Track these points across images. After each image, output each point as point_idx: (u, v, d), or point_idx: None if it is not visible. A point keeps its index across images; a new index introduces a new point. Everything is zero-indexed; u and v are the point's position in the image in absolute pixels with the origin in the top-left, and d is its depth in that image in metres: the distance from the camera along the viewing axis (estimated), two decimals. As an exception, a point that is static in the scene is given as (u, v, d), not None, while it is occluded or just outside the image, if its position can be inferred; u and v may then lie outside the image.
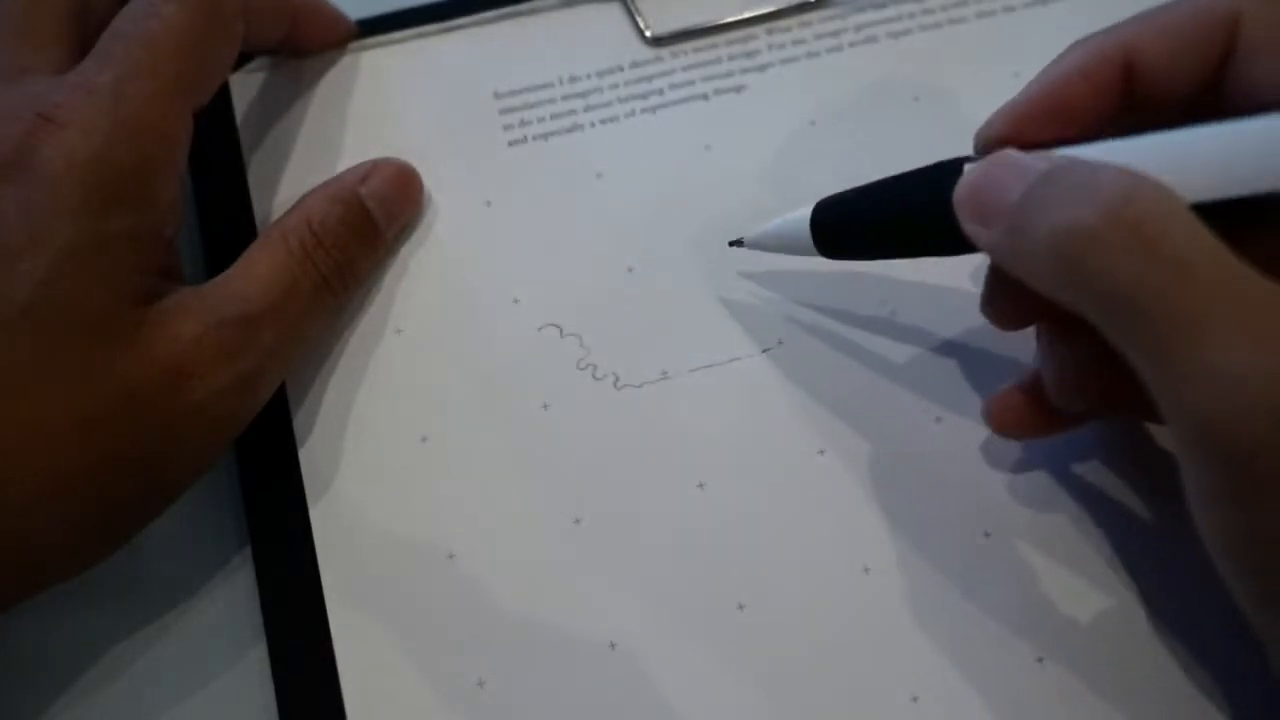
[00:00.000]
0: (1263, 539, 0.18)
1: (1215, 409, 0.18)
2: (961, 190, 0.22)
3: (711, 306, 0.29)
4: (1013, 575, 0.25)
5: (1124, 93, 0.22)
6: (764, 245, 0.27)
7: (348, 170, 0.29)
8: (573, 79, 0.32)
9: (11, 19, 0.26)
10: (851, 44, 0.33)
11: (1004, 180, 0.21)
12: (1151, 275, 0.18)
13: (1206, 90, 0.22)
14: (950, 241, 0.22)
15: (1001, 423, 0.25)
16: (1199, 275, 0.18)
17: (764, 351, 0.28)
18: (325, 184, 0.28)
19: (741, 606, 0.25)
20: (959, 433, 0.27)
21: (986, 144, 0.23)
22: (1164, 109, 0.22)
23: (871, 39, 0.33)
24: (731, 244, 0.28)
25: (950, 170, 0.22)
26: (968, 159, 0.23)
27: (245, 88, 0.32)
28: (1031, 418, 0.25)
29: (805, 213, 0.26)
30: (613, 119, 0.32)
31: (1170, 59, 0.22)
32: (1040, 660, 0.24)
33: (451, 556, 0.26)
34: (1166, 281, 0.18)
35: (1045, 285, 0.20)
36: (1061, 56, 0.23)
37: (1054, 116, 0.22)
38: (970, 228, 0.22)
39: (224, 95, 0.32)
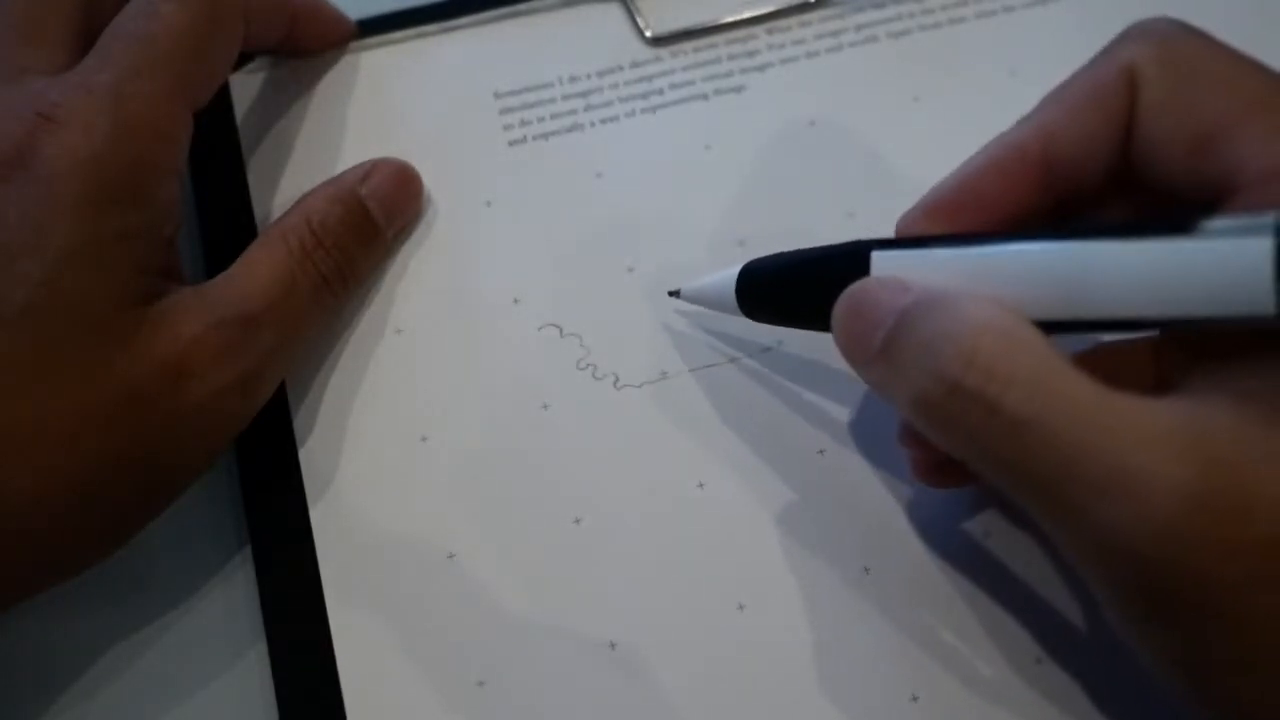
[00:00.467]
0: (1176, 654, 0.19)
1: (1096, 557, 0.18)
2: (834, 322, 0.22)
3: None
4: (1013, 574, 0.25)
5: (1043, 181, 0.22)
6: (696, 299, 0.27)
7: (347, 170, 0.29)
8: (573, 79, 0.32)
9: (13, 18, 0.26)
10: (851, 44, 0.33)
11: (866, 321, 0.21)
12: (1000, 443, 0.19)
13: (1119, 161, 0.22)
14: None
15: (920, 476, 0.25)
16: (1045, 435, 0.18)
17: (764, 351, 0.28)
18: (325, 184, 0.28)
19: (741, 606, 0.25)
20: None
21: (903, 232, 0.23)
22: (1086, 186, 0.22)
23: (871, 39, 0.33)
24: (670, 293, 0.28)
25: (862, 255, 0.22)
26: (877, 244, 0.23)
27: (245, 88, 0.32)
28: (939, 469, 0.24)
29: (733, 273, 0.26)
30: (613, 119, 0.32)
31: (1082, 140, 0.22)
32: (1039, 660, 0.24)
33: (451, 556, 0.26)
34: (1011, 448, 0.19)
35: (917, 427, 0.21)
36: (979, 152, 0.23)
37: (968, 210, 0.22)
38: (850, 363, 0.22)
39: (224, 95, 0.32)
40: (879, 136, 0.31)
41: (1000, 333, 0.19)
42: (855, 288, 0.22)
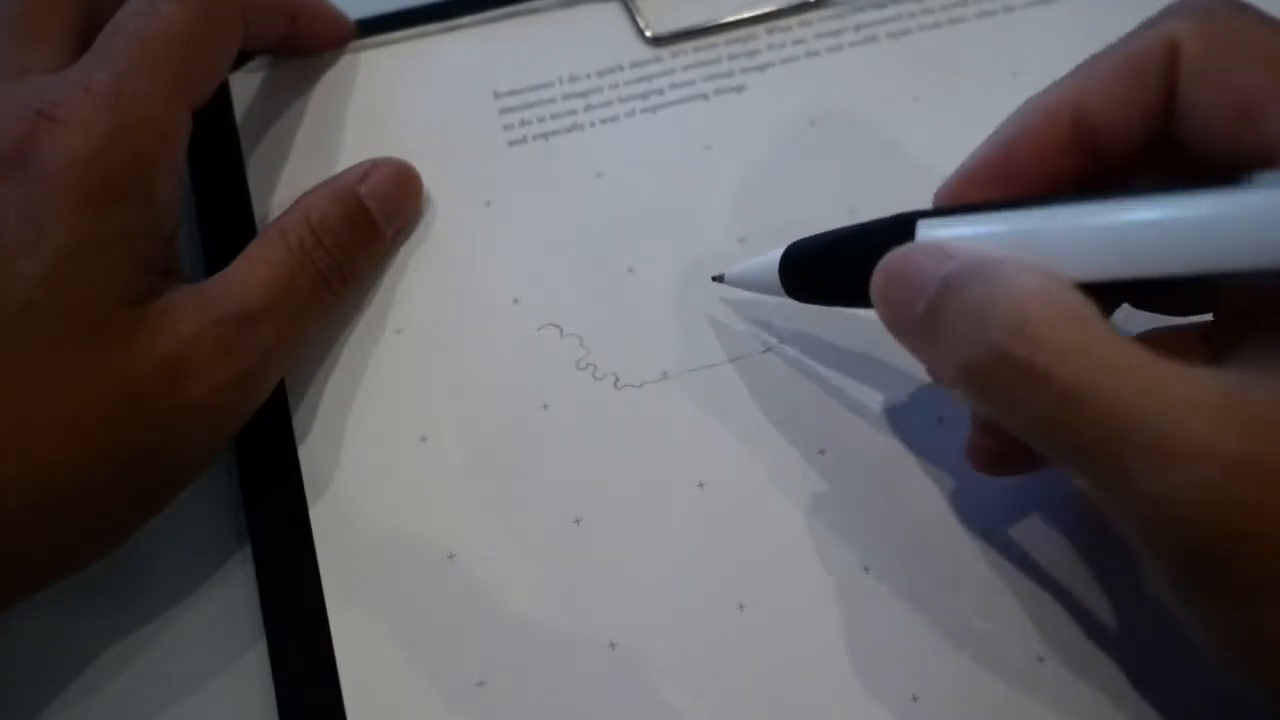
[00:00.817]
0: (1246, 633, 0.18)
1: (1143, 525, 0.18)
2: (874, 289, 0.22)
3: (712, 306, 0.29)
4: (1014, 574, 0.25)
5: (1075, 147, 0.22)
6: (739, 283, 0.27)
7: (347, 169, 0.29)
8: (573, 79, 0.32)
9: (12, 17, 0.26)
10: (851, 44, 0.33)
11: (908, 287, 0.21)
12: (1048, 412, 0.18)
13: (1157, 131, 0.22)
14: None
15: (979, 465, 0.24)
16: (1095, 404, 0.18)
17: (764, 351, 0.28)
18: (324, 183, 0.28)
19: (741, 606, 0.25)
20: (960, 433, 0.27)
21: (941, 202, 0.23)
22: (1120, 154, 0.22)
23: (871, 39, 0.33)
24: (714, 279, 0.28)
25: (905, 226, 0.22)
26: (922, 214, 0.22)
27: (245, 87, 0.32)
28: (1004, 457, 0.24)
29: (776, 255, 0.26)
30: (613, 119, 0.32)
31: (1116, 106, 0.22)
32: (1041, 660, 0.24)
33: (451, 556, 0.26)
34: (1060, 416, 0.18)
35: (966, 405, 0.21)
36: (1011, 116, 0.23)
37: (1003, 178, 0.22)
38: (890, 331, 0.22)
39: (224, 95, 0.32)
40: (879, 136, 0.31)
41: (1047, 299, 0.19)
42: (894, 254, 0.21)
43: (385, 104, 0.32)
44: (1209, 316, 0.23)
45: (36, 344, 0.22)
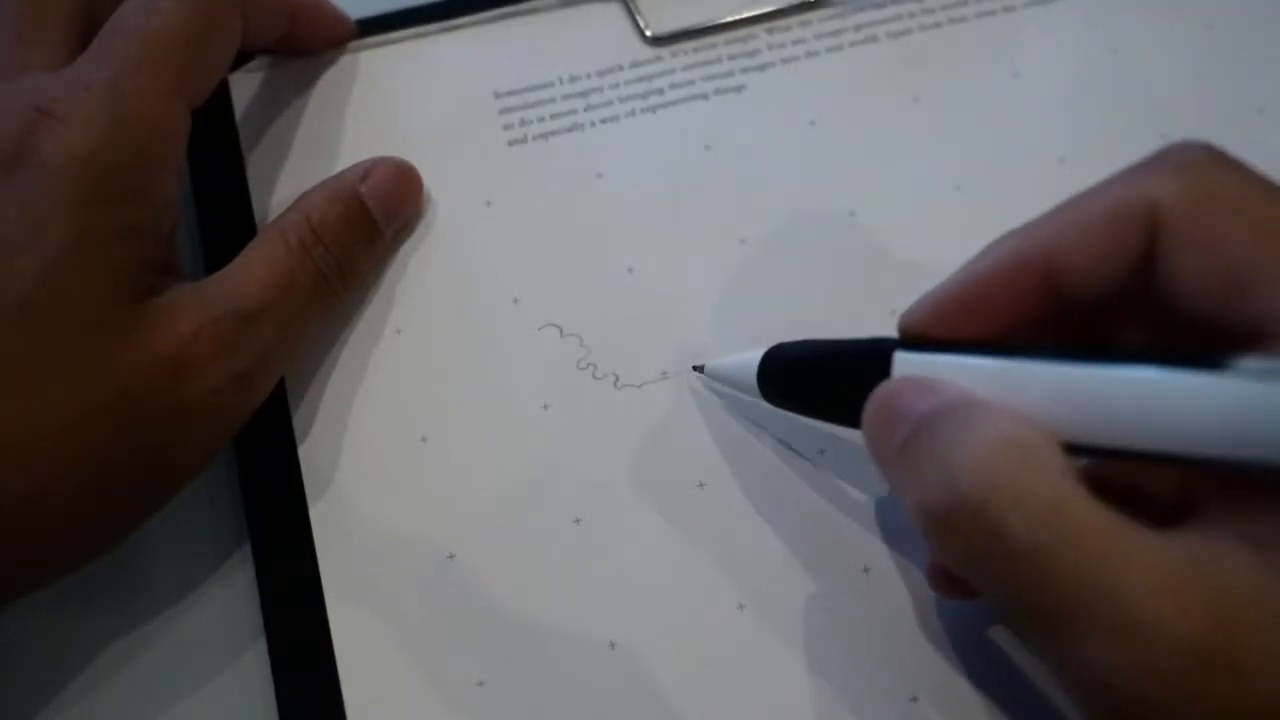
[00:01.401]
0: None
1: (1083, 696, 0.18)
2: (864, 419, 0.21)
3: (712, 307, 0.29)
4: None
5: (1046, 294, 0.21)
6: (718, 376, 0.27)
7: (347, 169, 0.29)
8: (573, 79, 0.32)
9: (12, 15, 0.26)
10: (851, 44, 0.33)
11: (888, 420, 0.20)
12: (999, 566, 0.18)
13: (1132, 284, 0.21)
14: None
15: (937, 588, 0.24)
16: (1047, 572, 0.17)
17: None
18: (325, 182, 0.28)
19: (741, 606, 0.25)
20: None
21: (906, 332, 0.22)
22: (1093, 304, 0.21)
23: (871, 39, 0.33)
24: (694, 368, 0.27)
25: (884, 354, 0.22)
26: (901, 343, 0.22)
27: (245, 87, 0.32)
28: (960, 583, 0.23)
29: (756, 356, 0.25)
30: (613, 119, 0.32)
31: (1090, 261, 0.21)
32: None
33: (451, 556, 0.26)
34: (1013, 574, 0.18)
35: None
36: (983, 253, 0.22)
37: (971, 315, 0.21)
38: (875, 462, 0.21)
39: (223, 94, 0.32)
40: (879, 136, 0.31)
41: (1014, 448, 0.18)
42: (884, 387, 0.21)
43: (385, 104, 0.32)
44: None
45: (36, 342, 0.22)
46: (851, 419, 0.22)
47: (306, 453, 0.27)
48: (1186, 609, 0.17)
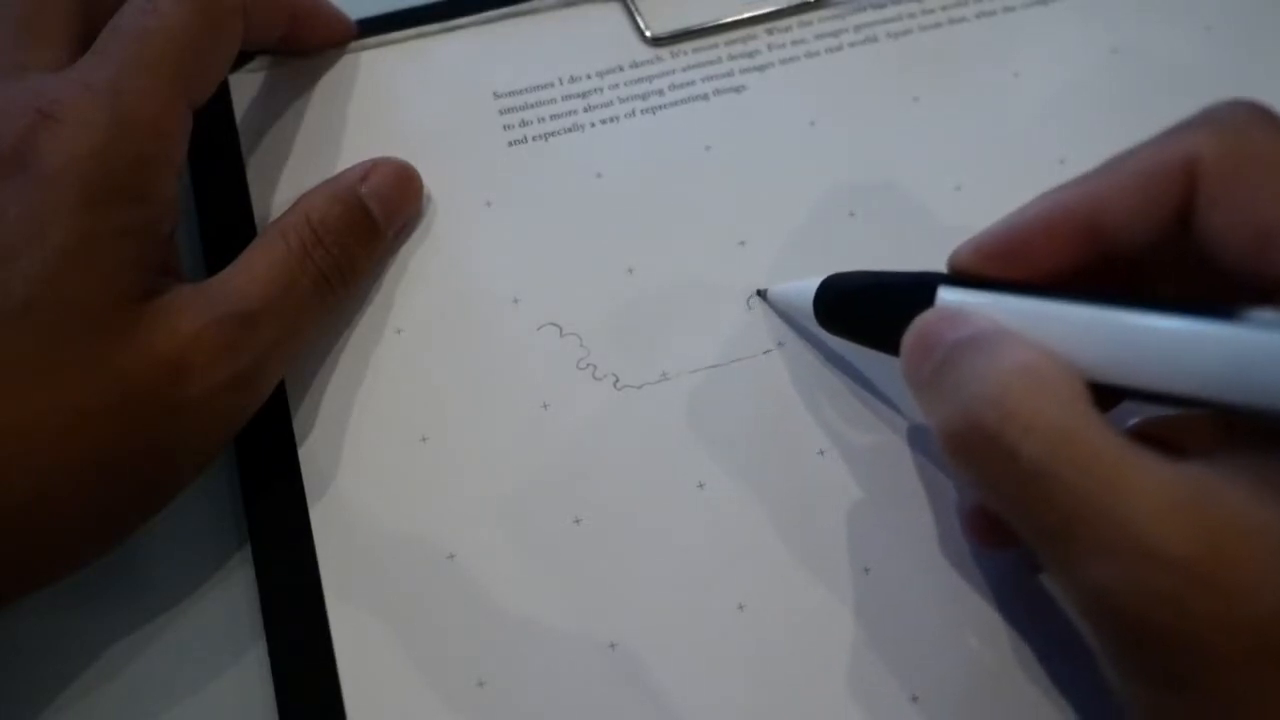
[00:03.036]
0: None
1: (1087, 609, 0.19)
2: (902, 348, 0.22)
3: (711, 307, 0.29)
4: (1013, 575, 0.25)
5: (1087, 246, 0.22)
6: (778, 300, 0.28)
7: (347, 169, 0.29)
8: (573, 79, 0.32)
9: (13, 15, 0.26)
10: (851, 44, 0.33)
11: (924, 348, 0.22)
12: (1011, 486, 0.19)
13: (1170, 237, 0.22)
14: None
15: (975, 538, 0.25)
16: (1056, 491, 0.18)
17: (764, 352, 0.28)
18: (325, 183, 0.28)
19: (741, 606, 0.25)
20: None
21: (954, 270, 0.23)
22: (1131, 258, 0.22)
23: (871, 39, 0.33)
24: (758, 292, 0.29)
25: (929, 287, 0.23)
26: (946, 278, 0.23)
27: (245, 87, 0.32)
28: (999, 534, 0.24)
29: (815, 284, 0.26)
30: (613, 119, 0.32)
31: (1130, 216, 0.22)
32: (1042, 659, 0.24)
33: (451, 556, 0.26)
34: (1023, 494, 0.19)
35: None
36: (1031, 203, 0.23)
37: (1014, 261, 0.23)
38: (908, 387, 0.22)
39: (224, 95, 0.32)
40: (879, 136, 0.31)
41: (1032, 376, 0.19)
42: (922, 317, 0.22)
43: (385, 104, 0.32)
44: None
45: (37, 342, 0.22)
46: (895, 347, 0.23)
47: (306, 453, 0.27)
48: (1183, 532, 0.18)
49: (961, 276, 0.23)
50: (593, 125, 0.32)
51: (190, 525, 0.27)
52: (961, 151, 0.31)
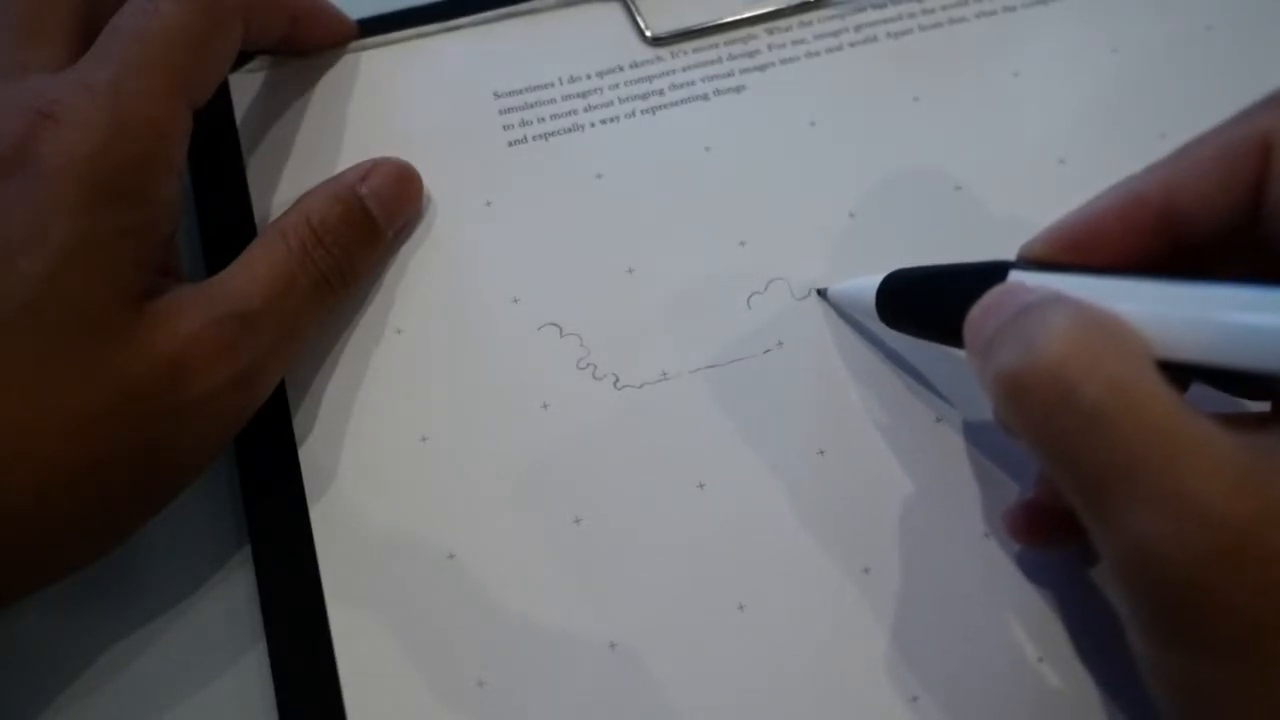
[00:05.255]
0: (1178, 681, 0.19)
1: (1126, 564, 0.18)
2: (968, 317, 0.22)
3: (712, 307, 0.29)
4: (1013, 575, 0.25)
5: (1160, 232, 0.22)
6: (838, 299, 0.28)
7: (347, 169, 0.29)
8: (573, 79, 0.32)
9: (13, 16, 0.26)
10: (851, 44, 0.33)
11: (994, 307, 0.21)
12: (1065, 427, 0.19)
13: (1244, 219, 0.22)
14: None
15: (1014, 535, 0.25)
16: (1110, 436, 0.18)
17: (764, 352, 0.28)
18: (325, 183, 0.28)
19: (741, 606, 0.25)
20: (958, 433, 0.27)
21: (1025, 259, 0.23)
22: (1204, 244, 0.22)
23: (871, 39, 0.33)
24: (817, 291, 0.28)
25: (1000, 272, 0.23)
26: (1016, 263, 0.23)
27: (245, 87, 0.32)
28: (1045, 529, 0.24)
29: (876, 280, 0.26)
30: (613, 119, 0.32)
31: (1205, 200, 0.22)
32: (1040, 659, 0.24)
33: (451, 556, 0.26)
34: (1076, 438, 0.19)
35: (999, 420, 0.21)
36: (1102, 193, 0.23)
37: (1086, 249, 0.22)
38: (967, 355, 0.22)
39: (224, 95, 0.32)
40: (879, 136, 0.31)
41: (1100, 326, 0.19)
42: (991, 290, 0.22)
43: (385, 104, 0.32)
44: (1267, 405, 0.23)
45: (37, 343, 0.22)
46: (961, 338, 0.22)
47: (306, 453, 0.27)
48: (1235, 492, 0.17)
49: (1033, 262, 0.23)
50: (593, 125, 0.32)
51: (190, 525, 0.27)
52: (961, 151, 0.31)
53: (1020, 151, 0.31)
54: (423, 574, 0.25)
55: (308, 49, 0.32)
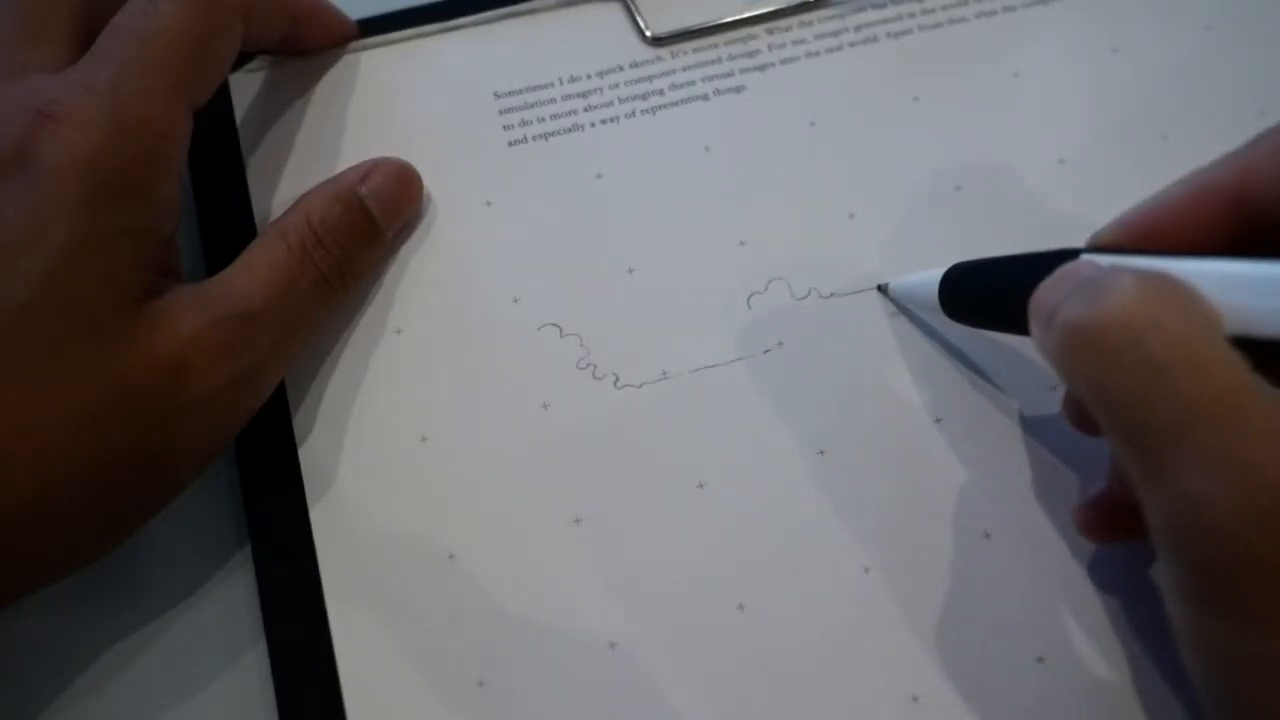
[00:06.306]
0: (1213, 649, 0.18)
1: (1175, 524, 0.18)
2: (1036, 290, 0.22)
3: (711, 307, 0.29)
4: (1012, 575, 0.25)
5: (1234, 218, 0.22)
6: (900, 294, 0.28)
7: (348, 169, 0.29)
8: (573, 79, 0.32)
9: (13, 16, 0.26)
10: (851, 44, 0.33)
11: (1059, 283, 0.21)
12: (1127, 379, 0.19)
13: None
14: None
15: (1086, 531, 0.25)
16: (1171, 389, 0.18)
17: (764, 352, 0.28)
18: (325, 183, 0.28)
19: (741, 606, 0.25)
20: (958, 433, 0.27)
21: (1095, 247, 0.23)
22: (1275, 233, 0.22)
23: (871, 39, 0.33)
24: (878, 287, 0.28)
25: (1065, 258, 0.23)
26: (1086, 250, 0.23)
27: (245, 88, 0.32)
28: (1118, 523, 0.24)
29: (939, 273, 0.26)
30: (613, 119, 0.32)
31: (1276, 180, 0.22)
32: (1040, 660, 0.24)
33: (451, 556, 0.26)
34: (1140, 388, 0.18)
35: (1059, 377, 0.21)
36: (1175, 183, 0.23)
37: (1159, 237, 0.22)
38: (1030, 327, 0.22)
39: (224, 95, 0.32)
40: (879, 136, 0.31)
41: (1167, 285, 0.19)
42: (1064, 265, 0.22)
43: (385, 104, 0.32)
44: None
45: (37, 343, 0.22)
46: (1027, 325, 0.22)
47: (306, 453, 0.27)
48: None
49: (1103, 249, 0.23)
50: (593, 125, 0.32)
51: (190, 525, 0.27)
52: (961, 151, 0.31)
53: (1020, 151, 0.31)
54: (423, 574, 0.25)
55: (308, 49, 0.32)
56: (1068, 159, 0.30)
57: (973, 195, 0.30)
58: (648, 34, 0.33)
